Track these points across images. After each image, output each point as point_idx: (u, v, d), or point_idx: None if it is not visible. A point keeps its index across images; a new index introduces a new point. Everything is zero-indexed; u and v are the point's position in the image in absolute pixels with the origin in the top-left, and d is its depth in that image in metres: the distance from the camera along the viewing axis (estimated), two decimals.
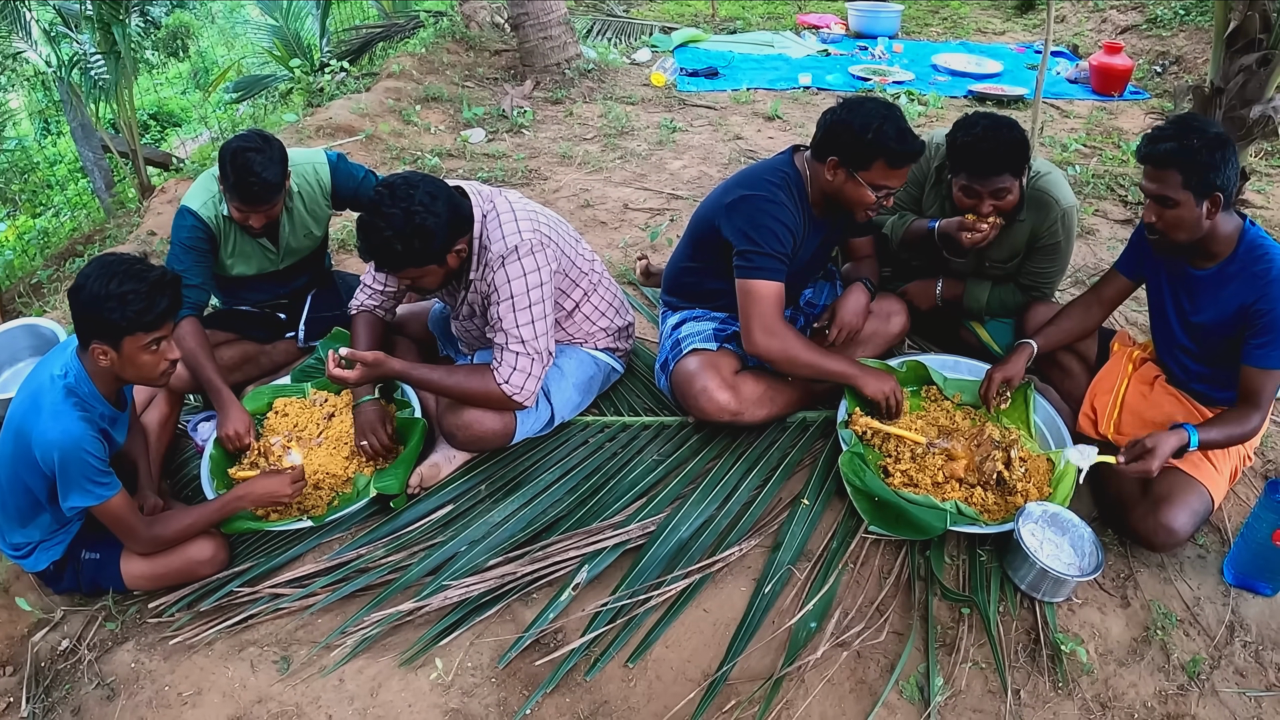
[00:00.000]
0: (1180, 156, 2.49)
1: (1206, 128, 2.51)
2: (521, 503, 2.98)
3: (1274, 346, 2.57)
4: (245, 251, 3.35)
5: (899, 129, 2.78)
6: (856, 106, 2.83)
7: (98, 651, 2.61)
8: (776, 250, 2.93)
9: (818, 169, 2.94)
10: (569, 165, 5.92)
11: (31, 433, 2.39)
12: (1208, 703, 2.40)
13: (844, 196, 2.92)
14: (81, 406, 2.44)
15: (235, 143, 3.05)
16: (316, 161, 3.42)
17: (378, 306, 3.25)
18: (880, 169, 2.82)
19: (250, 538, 2.92)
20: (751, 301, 2.95)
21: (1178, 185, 2.51)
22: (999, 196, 2.99)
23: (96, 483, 2.43)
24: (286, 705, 2.42)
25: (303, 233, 3.43)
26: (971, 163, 2.96)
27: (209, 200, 3.23)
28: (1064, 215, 3.12)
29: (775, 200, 2.94)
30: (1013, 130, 2.93)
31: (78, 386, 2.45)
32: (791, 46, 8.90)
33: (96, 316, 2.34)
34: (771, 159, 3.12)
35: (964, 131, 2.95)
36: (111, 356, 2.41)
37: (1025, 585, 2.65)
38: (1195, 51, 7.74)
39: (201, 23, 14.68)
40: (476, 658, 2.53)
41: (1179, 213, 2.54)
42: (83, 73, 6.40)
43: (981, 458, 2.88)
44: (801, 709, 2.36)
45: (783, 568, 2.73)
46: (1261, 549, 2.61)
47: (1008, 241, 3.22)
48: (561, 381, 3.18)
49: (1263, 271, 2.57)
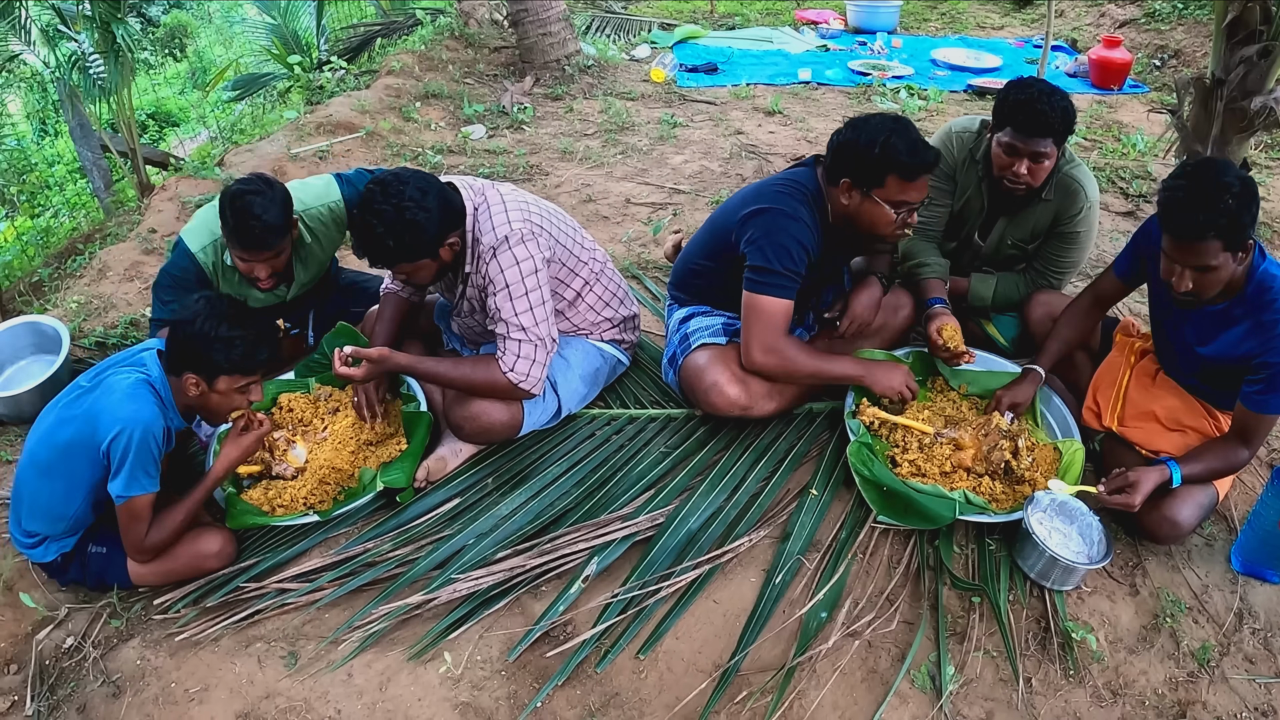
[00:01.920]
0: (1220, 224, 2.31)
1: (1231, 181, 2.31)
2: (529, 495, 2.98)
3: (1272, 394, 2.52)
4: (247, 294, 3.30)
5: (909, 140, 2.71)
6: (861, 124, 2.77)
7: (103, 649, 2.60)
8: (789, 269, 2.86)
9: (834, 194, 2.88)
10: (570, 161, 5.91)
11: (101, 411, 2.46)
12: (1218, 689, 2.40)
13: (863, 219, 2.85)
14: (158, 401, 2.53)
15: (236, 186, 3.00)
16: (330, 201, 3.37)
17: (402, 288, 3.26)
18: (895, 184, 2.75)
19: (256, 533, 2.91)
20: (756, 317, 2.93)
21: (1217, 252, 2.36)
22: (1037, 160, 2.98)
23: (149, 474, 2.49)
24: (295, 700, 2.41)
25: (314, 269, 3.43)
26: (1020, 120, 2.93)
27: (208, 246, 3.19)
28: (1089, 207, 3.12)
29: (796, 217, 2.86)
30: (1065, 99, 2.92)
31: (161, 388, 2.56)
32: (790, 42, 8.89)
33: (200, 353, 2.50)
34: (793, 170, 3.05)
35: (1018, 90, 2.94)
36: (203, 389, 2.57)
37: (1034, 574, 2.64)
38: (1194, 45, 7.74)
39: (199, 22, 14.66)
40: (486, 651, 2.52)
41: (1217, 275, 2.43)
42: (81, 73, 6.37)
43: (989, 447, 2.87)
44: (813, 699, 2.36)
45: (792, 558, 2.72)
46: (1269, 536, 2.61)
47: (1030, 221, 3.21)
48: (568, 373, 3.18)
49: (1270, 323, 2.47)
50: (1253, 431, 2.60)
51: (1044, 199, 3.15)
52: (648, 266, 4.46)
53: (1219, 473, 2.68)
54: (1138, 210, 4.99)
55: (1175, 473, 2.59)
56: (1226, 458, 2.64)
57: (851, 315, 3.16)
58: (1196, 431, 2.82)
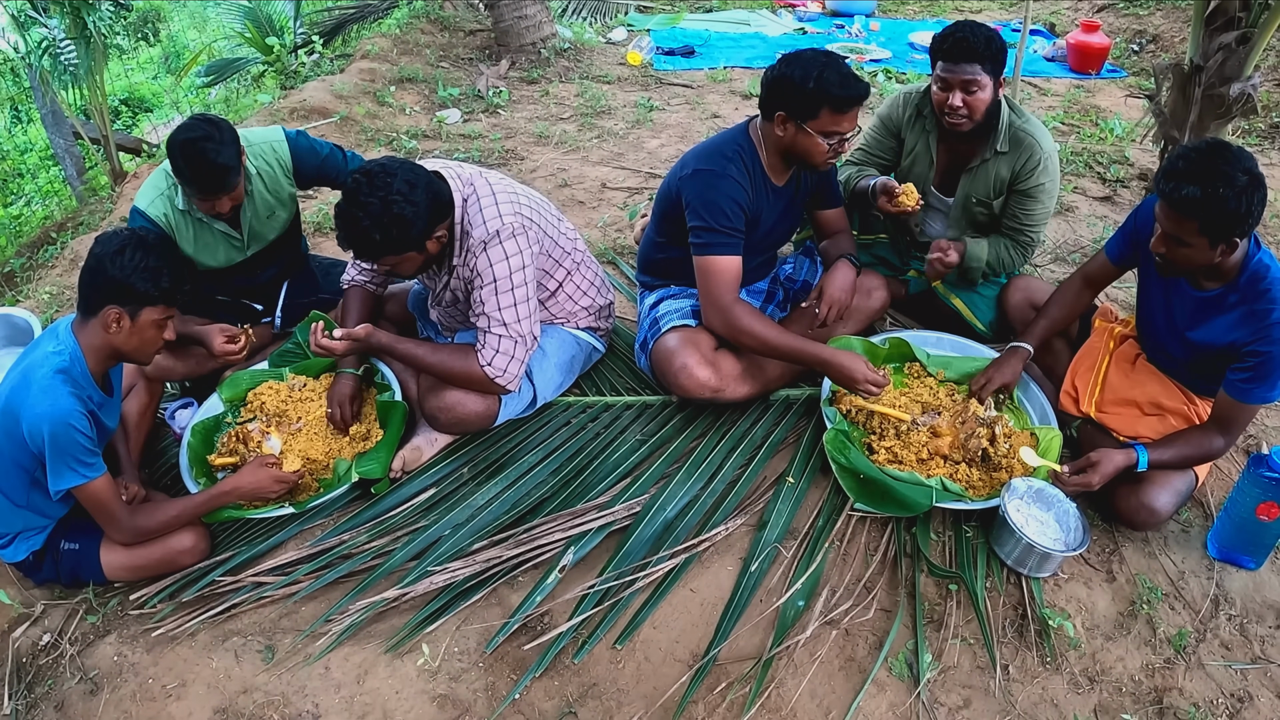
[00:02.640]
0: (1203, 208, 2.32)
1: (1236, 174, 2.29)
2: (505, 485, 2.96)
3: (1258, 385, 2.52)
4: (208, 243, 3.24)
5: (840, 74, 2.79)
6: (794, 59, 2.84)
7: (79, 645, 2.58)
8: (726, 225, 2.93)
9: (768, 129, 2.95)
10: (546, 145, 5.88)
11: (21, 409, 2.38)
12: (1194, 675, 2.42)
13: (797, 150, 2.93)
14: (73, 385, 2.43)
15: (181, 133, 2.91)
16: (274, 140, 3.33)
17: (369, 281, 3.24)
18: (827, 116, 2.81)
19: (231, 526, 2.89)
20: (707, 277, 2.98)
21: (1193, 232, 2.37)
22: (969, 90, 3.07)
23: (84, 462, 2.41)
24: (272, 695, 2.40)
25: (266, 214, 3.32)
26: (947, 49, 3.06)
27: (158, 198, 3.13)
28: (1046, 158, 3.18)
29: (725, 174, 2.94)
30: (988, 29, 3.06)
31: (71, 366, 2.45)
32: (768, 25, 8.87)
33: (122, 284, 2.42)
34: (727, 130, 3.13)
35: (944, 29, 3.10)
36: (125, 324, 2.47)
37: (1011, 561, 2.65)
38: (1172, 30, 7.75)
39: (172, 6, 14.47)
40: (463, 642, 2.51)
41: (1189, 253, 2.44)
42: (53, 59, 6.28)
43: (966, 434, 2.87)
44: (792, 688, 2.36)
45: (769, 546, 2.72)
46: (1244, 523, 2.62)
47: (987, 176, 3.26)
48: (544, 362, 3.16)
49: (1263, 312, 2.47)
50: (1233, 420, 2.60)
51: (999, 151, 3.21)
52: (623, 252, 4.44)
53: (1193, 460, 2.68)
54: (1115, 195, 4.99)
55: (1142, 456, 2.60)
56: (1202, 446, 2.64)
57: (829, 299, 3.15)
58: (1176, 416, 2.82)
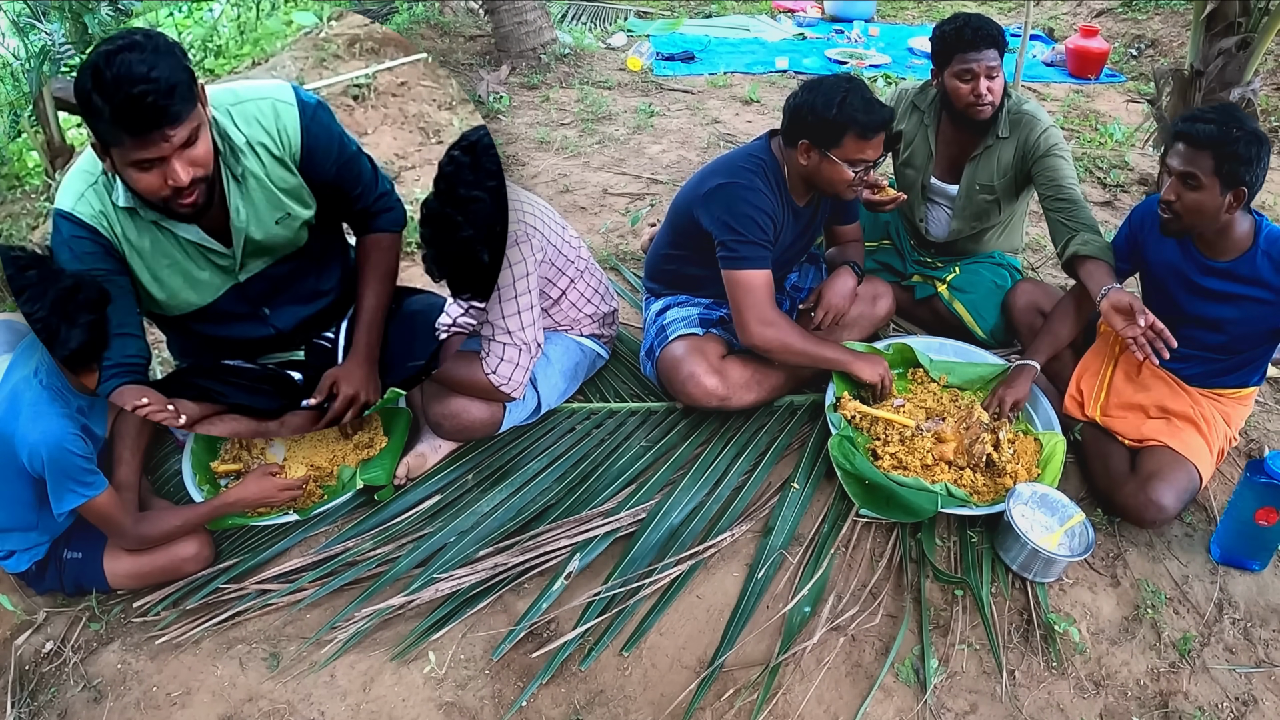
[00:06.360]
0: (1218, 140, 2.45)
1: (1247, 122, 2.48)
2: (510, 492, 2.96)
3: None
4: (174, 260, 2.33)
5: (864, 99, 2.78)
6: (816, 85, 2.83)
7: (83, 653, 2.57)
8: (759, 238, 2.91)
9: (792, 156, 2.93)
10: (546, 150, 5.88)
11: (14, 437, 2.36)
12: (1199, 680, 2.42)
13: (822, 178, 2.90)
14: (60, 400, 2.41)
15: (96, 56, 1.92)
16: (277, 98, 2.32)
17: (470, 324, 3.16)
18: (852, 143, 2.79)
19: (235, 533, 2.88)
20: (743, 293, 2.94)
21: (1209, 169, 2.47)
22: (991, 76, 3.12)
23: (84, 481, 2.39)
24: (278, 703, 2.39)
25: (271, 211, 2.41)
26: (966, 41, 3.10)
27: (87, 191, 2.23)
28: (1049, 128, 3.23)
29: (752, 187, 2.91)
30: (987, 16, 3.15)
31: (50, 381, 2.42)
32: (767, 30, 8.87)
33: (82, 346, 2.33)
34: (747, 145, 3.10)
35: (949, 22, 3.16)
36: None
37: (1016, 566, 2.65)
38: (1171, 35, 7.77)
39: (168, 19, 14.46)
40: (469, 650, 2.51)
41: (1200, 197, 2.52)
42: (52, 64, 6.29)
43: (971, 440, 2.87)
44: (799, 694, 2.36)
45: (775, 552, 2.72)
46: (1245, 528, 2.63)
47: (992, 161, 3.31)
48: (548, 369, 3.15)
49: None
50: None
51: (1000, 137, 3.26)
52: (626, 258, 4.44)
53: None
54: (1115, 200, 4.99)
55: None
56: None
57: (826, 305, 3.15)
58: (1181, 419, 2.83)
